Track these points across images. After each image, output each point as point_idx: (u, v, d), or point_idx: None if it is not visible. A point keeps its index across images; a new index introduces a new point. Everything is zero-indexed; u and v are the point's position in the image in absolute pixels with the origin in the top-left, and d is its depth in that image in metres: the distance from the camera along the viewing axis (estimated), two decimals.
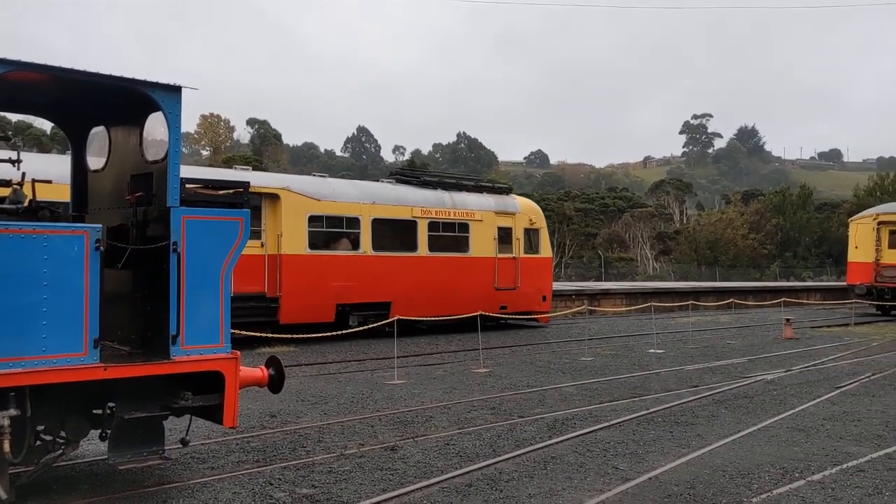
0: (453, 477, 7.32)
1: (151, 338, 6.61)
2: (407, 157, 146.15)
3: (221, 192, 7.41)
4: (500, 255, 22.77)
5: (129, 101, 6.77)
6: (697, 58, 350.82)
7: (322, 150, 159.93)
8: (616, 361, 16.06)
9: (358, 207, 19.80)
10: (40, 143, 60.52)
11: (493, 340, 19.38)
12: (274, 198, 18.37)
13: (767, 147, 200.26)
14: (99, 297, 5.94)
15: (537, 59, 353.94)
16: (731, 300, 27.72)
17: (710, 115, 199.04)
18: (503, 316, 22.07)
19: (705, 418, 10.30)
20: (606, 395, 11.94)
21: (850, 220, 35.19)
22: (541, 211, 25.41)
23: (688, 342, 19.82)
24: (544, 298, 24.35)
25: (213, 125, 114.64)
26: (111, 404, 6.51)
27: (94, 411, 6.61)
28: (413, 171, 26.42)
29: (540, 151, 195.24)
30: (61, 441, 6.40)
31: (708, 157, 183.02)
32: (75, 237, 5.88)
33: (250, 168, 22.03)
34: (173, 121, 6.49)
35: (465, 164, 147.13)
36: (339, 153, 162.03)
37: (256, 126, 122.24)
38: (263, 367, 7.49)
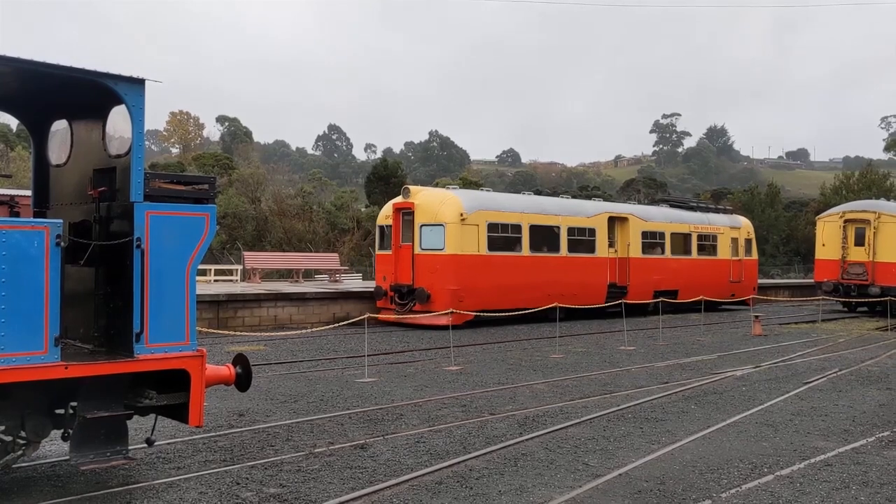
0: (423, 475, 7.27)
1: (115, 335, 6.48)
2: (379, 155, 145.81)
3: (187, 187, 7.28)
4: (732, 258, 32.77)
5: (92, 94, 6.62)
6: (665, 56, 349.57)
7: (293, 147, 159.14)
8: (587, 359, 16.10)
9: (663, 226, 29.76)
10: (6, 140, 59.43)
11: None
12: (623, 220, 27.94)
13: (736, 146, 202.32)
14: (60, 293, 5.81)
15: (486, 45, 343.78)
16: (701, 297, 27.91)
17: (679, 114, 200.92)
18: (730, 301, 32.44)
19: (675, 414, 10.34)
20: (577, 392, 11.95)
21: (817, 218, 35.56)
22: (752, 226, 35.82)
23: (658, 339, 19.93)
24: (754, 289, 33.69)
25: (183, 122, 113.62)
26: (73, 403, 6.37)
27: (56, 411, 6.46)
28: (678, 198, 39.85)
29: (512, 150, 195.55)
30: (21, 442, 6.24)
31: (678, 156, 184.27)
32: (35, 233, 5.75)
33: (601, 198, 33.58)
34: (137, 114, 6.36)
35: (437, 163, 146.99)
36: (310, 151, 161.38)
37: (227, 124, 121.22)
38: (230, 364, 7.38)
